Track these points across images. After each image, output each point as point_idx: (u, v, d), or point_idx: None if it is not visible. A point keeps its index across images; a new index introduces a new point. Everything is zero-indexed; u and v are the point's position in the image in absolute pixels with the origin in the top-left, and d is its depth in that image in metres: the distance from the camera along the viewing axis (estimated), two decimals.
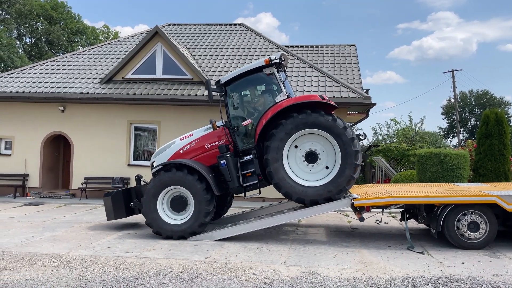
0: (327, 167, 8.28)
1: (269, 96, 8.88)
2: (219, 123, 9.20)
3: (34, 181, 15.46)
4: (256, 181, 8.59)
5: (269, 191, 9.15)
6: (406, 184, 11.89)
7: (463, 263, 6.87)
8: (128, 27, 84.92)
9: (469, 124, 60.34)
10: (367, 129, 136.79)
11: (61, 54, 35.90)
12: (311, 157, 8.31)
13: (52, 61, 17.49)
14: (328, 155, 8.28)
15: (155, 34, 15.25)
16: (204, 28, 20.26)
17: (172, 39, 15.63)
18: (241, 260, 6.89)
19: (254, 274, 6.13)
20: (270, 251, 7.59)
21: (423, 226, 9.94)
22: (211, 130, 9.20)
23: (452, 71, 38.97)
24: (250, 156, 8.59)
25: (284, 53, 9.15)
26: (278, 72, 8.70)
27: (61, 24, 42.11)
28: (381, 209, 8.96)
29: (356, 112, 17.31)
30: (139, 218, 10.34)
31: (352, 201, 8.11)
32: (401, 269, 6.47)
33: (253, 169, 8.55)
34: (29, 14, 38.21)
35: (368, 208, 8.31)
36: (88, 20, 70.06)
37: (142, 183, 10.14)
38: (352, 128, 8.41)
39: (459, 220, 7.76)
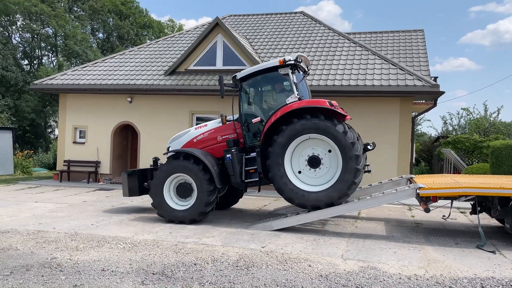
0: (329, 150, 8.15)
1: (281, 96, 8.94)
2: (230, 117, 9.41)
3: (105, 168, 16.51)
4: (257, 179, 8.76)
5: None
6: (478, 175, 11.07)
7: None
8: (192, 20, 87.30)
9: None
10: (436, 119, 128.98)
11: (130, 48, 37.75)
12: (314, 162, 8.28)
13: (120, 55, 18.43)
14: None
15: (215, 26, 15.48)
16: (264, 17, 20.20)
17: (232, 30, 15.78)
18: (297, 251, 6.84)
19: (309, 266, 6.06)
20: (327, 243, 7.46)
21: (495, 223, 9.24)
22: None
23: None
24: (255, 154, 8.69)
25: (302, 54, 9.12)
26: (293, 74, 8.64)
27: (130, 19, 44.26)
28: (449, 202, 8.43)
29: (423, 101, 16.41)
30: None
31: (418, 191, 7.72)
32: (468, 269, 6.06)
33: (256, 167, 8.68)
34: (101, 10, 40.61)
35: (434, 199, 7.83)
36: (155, 14, 72.99)
37: (159, 165, 10.46)
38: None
39: None
